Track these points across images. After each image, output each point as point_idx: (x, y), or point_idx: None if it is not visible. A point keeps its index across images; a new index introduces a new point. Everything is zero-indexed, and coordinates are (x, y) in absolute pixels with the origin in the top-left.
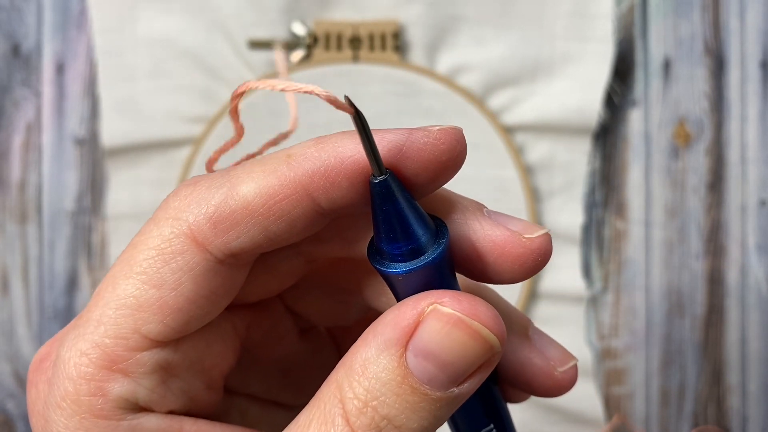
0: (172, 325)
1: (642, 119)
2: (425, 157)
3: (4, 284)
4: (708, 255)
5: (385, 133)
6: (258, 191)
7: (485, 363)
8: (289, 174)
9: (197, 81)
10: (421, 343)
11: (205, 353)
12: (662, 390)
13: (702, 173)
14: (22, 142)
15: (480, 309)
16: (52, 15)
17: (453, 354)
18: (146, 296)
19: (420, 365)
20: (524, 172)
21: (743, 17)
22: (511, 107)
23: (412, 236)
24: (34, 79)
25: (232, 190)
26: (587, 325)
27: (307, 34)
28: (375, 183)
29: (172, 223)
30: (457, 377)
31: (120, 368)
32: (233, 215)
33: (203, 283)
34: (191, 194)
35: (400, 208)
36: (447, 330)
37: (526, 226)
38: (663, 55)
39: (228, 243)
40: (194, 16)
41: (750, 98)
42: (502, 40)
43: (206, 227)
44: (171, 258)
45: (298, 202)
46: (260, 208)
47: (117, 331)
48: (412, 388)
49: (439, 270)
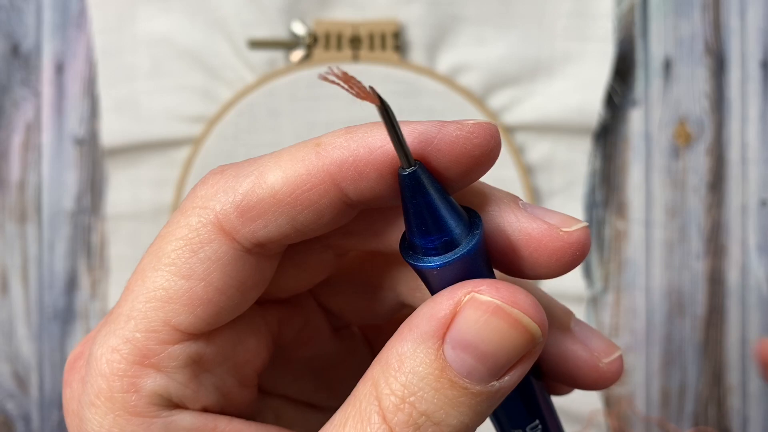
0: (202, 317)
1: (642, 119)
2: (457, 150)
3: (4, 284)
4: (708, 255)
5: (416, 125)
6: (285, 180)
7: (527, 354)
8: (318, 163)
9: (197, 81)
10: (459, 335)
11: (237, 347)
12: (663, 390)
13: (702, 173)
14: (22, 141)
15: (519, 296)
16: (52, 15)
17: (493, 344)
18: (175, 287)
19: (458, 358)
20: (524, 172)
21: (743, 17)
22: (512, 107)
23: (444, 229)
24: (33, 78)
25: (259, 178)
26: None
27: (307, 34)
28: (404, 175)
29: (199, 212)
30: (498, 369)
31: (152, 363)
32: (260, 204)
33: (232, 272)
34: (218, 183)
35: (430, 200)
36: (485, 319)
37: (564, 219)
38: (663, 55)
39: (255, 232)
40: (194, 15)
41: (750, 98)
42: (503, 39)
43: (233, 216)
44: (199, 248)
45: (326, 192)
46: (287, 197)
47: (147, 324)
48: (451, 382)
49: (475, 262)
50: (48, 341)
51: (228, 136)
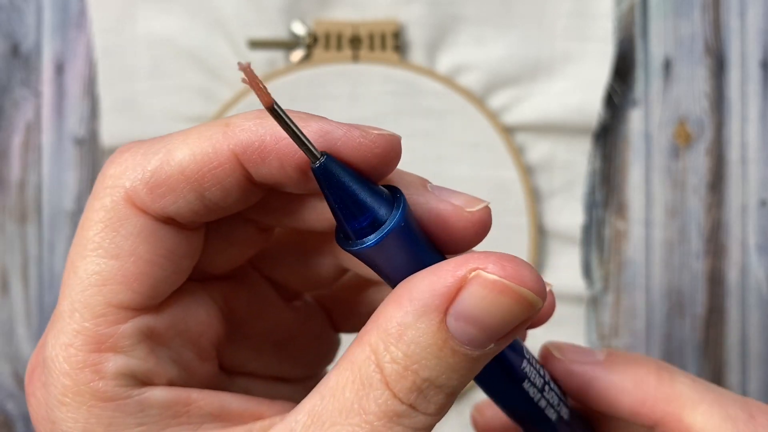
0: (141, 291)
1: (642, 119)
2: (358, 155)
3: (4, 284)
4: (708, 255)
5: (323, 123)
6: (192, 157)
7: (526, 322)
8: (224, 143)
9: (197, 81)
10: (465, 309)
11: (186, 320)
12: None
13: (702, 173)
14: (22, 142)
15: (524, 273)
16: (52, 15)
17: (497, 318)
18: (107, 269)
19: (461, 328)
20: (524, 172)
21: (744, 17)
22: (512, 107)
23: (368, 209)
24: (33, 79)
25: (167, 155)
26: (587, 326)
27: (306, 34)
28: (315, 168)
29: (110, 192)
30: (498, 336)
31: (108, 346)
32: (169, 181)
33: (157, 243)
34: (126, 161)
35: (347, 185)
36: (492, 297)
37: (468, 199)
38: (663, 55)
39: (165, 207)
40: (194, 15)
41: (750, 98)
42: (503, 39)
43: (143, 193)
44: (119, 226)
45: (232, 171)
46: (195, 174)
47: (92, 311)
48: (453, 350)
49: (410, 234)
50: None
51: None
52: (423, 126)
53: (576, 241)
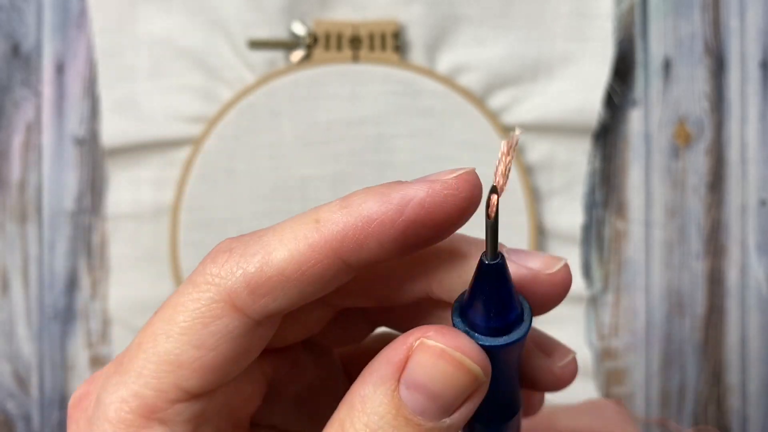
0: (211, 380)
1: (642, 119)
2: (447, 208)
3: (4, 284)
4: (708, 255)
5: (399, 190)
6: (291, 258)
7: (473, 393)
8: (320, 240)
9: (197, 81)
10: (412, 376)
11: (235, 398)
12: (662, 390)
13: (702, 173)
14: (22, 142)
15: (462, 341)
16: (52, 15)
17: (441, 384)
18: (186, 355)
19: (412, 397)
20: (524, 172)
21: (743, 17)
22: (511, 107)
23: (505, 317)
24: (34, 79)
25: (266, 257)
26: (587, 325)
27: (307, 34)
28: (486, 264)
29: (210, 289)
30: (447, 407)
31: (157, 417)
32: (269, 282)
33: (242, 343)
34: (227, 261)
35: (501, 291)
36: (433, 362)
37: (545, 261)
38: (663, 55)
39: (266, 307)
40: (194, 15)
41: (750, 98)
42: (502, 40)
43: (244, 294)
44: (210, 321)
45: (330, 265)
46: (294, 274)
47: (158, 384)
48: (406, 419)
49: (517, 350)
50: (48, 341)
51: (228, 136)
52: (423, 126)
53: (576, 240)
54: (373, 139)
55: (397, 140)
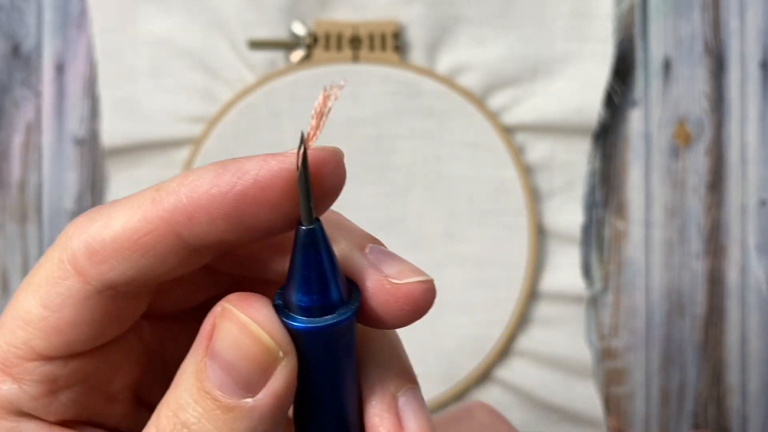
0: (55, 344)
1: (642, 119)
2: (280, 186)
3: (4, 284)
4: (708, 255)
5: (245, 162)
6: (123, 226)
7: (271, 371)
8: (152, 209)
9: (197, 81)
10: (213, 346)
11: (99, 368)
12: (662, 390)
13: (702, 173)
14: (22, 142)
15: (260, 312)
16: (52, 15)
17: (233, 354)
18: (35, 313)
19: (212, 369)
20: (524, 172)
21: (743, 17)
22: (511, 107)
23: (326, 293)
24: (34, 79)
25: (106, 223)
26: (587, 325)
27: (307, 34)
28: (302, 230)
29: (60, 250)
30: (245, 382)
31: (9, 372)
32: (104, 248)
33: (83, 310)
34: (78, 223)
35: (321, 261)
36: (230, 330)
37: (401, 270)
38: (663, 55)
39: (103, 275)
40: (194, 16)
41: (750, 98)
42: (502, 40)
43: (83, 257)
44: (56, 283)
45: (162, 237)
46: (127, 243)
47: (12, 338)
48: (206, 392)
49: (339, 339)
50: None
51: (228, 136)
52: (423, 126)
53: (576, 241)
54: (373, 139)
55: (397, 140)
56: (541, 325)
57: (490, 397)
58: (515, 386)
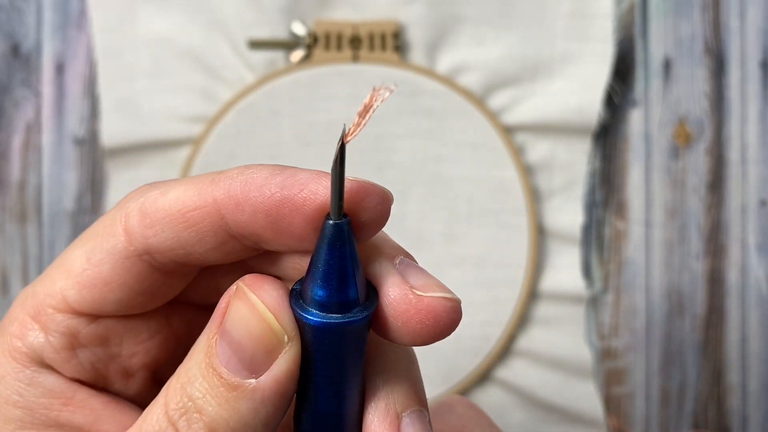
0: (87, 298)
1: (642, 119)
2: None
3: (4, 284)
4: (708, 255)
5: (300, 173)
6: (178, 197)
7: (275, 353)
8: (208, 189)
9: (197, 81)
10: (225, 324)
11: (121, 337)
12: (662, 390)
13: (702, 173)
14: (22, 142)
15: (272, 294)
16: (52, 15)
17: (238, 330)
18: (78, 264)
19: (222, 347)
20: (524, 172)
21: (743, 17)
22: (511, 107)
23: (343, 290)
24: (33, 79)
25: (164, 191)
26: (587, 325)
27: (307, 34)
28: (330, 224)
29: (117, 210)
30: (249, 362)
31: (40, 320)
32: (155, 213)
33: (121, 270)
34: (141, 190)
35: (344, 257)
36: (239, 308)
37: (428, 284)
38: (663, 55)
39: (147, 239)
40: (194, 15)
41: (750, 98)
42: (502, 40)
43: (135, 218)
44: (104, 238)
45: (208, 215)
46: (176, 213)
47: (50, 287)
48: (213, 369)
49: (351, 338)
50: None
51: (228, 136)
52: (423, 126)
53: (576, 241)
54: (373, 139)
55: (397, 140)
56: (541, 325)
57: (490, 397)
58: (515, 386)
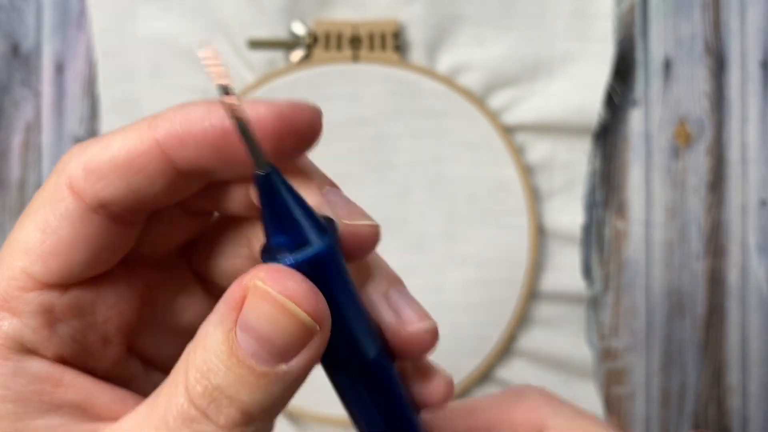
0: (54, 268)
1: (642, 119)
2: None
3: None
4: (708, 255)
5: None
6: (121, 146)
7: (307, 341)
8: (148, 133)
9: (197, 81)
10: (244, 318)
11: (95, 303)
12: (663, 390)
13: (702, 173)
14: (22, 141)
15: (290, 284)
16: (52, 15)
17: (269, 330)
18: (33, 238)
19: (245, 340)
20: (524, 172)
21: (744, 17)
22: (512, 107)
23: (297, 229)
24: (33, 79)
25: (105, 146)
26: (587, 326)
27: (307, 34)
28: (259, 176)
29: (57, 174)
30: (280, 353)
31: (9, 307)
32: (101, 167)
33: (80, 229)
34: (77, 150)
35: (285, 202)
36: (260, 305)
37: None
38: (663, 55)
39: (98, 193)
40: (194, 15)
41: (750, 98)
42: (503, 39)
43: (80, 176)
44: (54, 205)
45: (155, 158)
46: (122, 162)
47: (10, 271)
48: (239, 360)
49: (329, 266)
50: None
51: None
52: (423, 126)
53: (576, 241)
54: (373, 139)
55: (397, 140)
56: (541, 326)
57: None
58: None
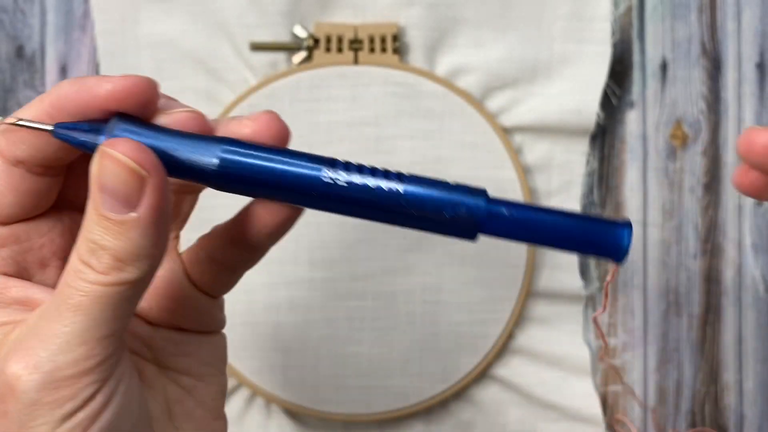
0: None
1: (639, 120)
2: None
3: None
4: (705, 255)
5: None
6: (26, 116)
7: (145, 188)
8: (39, 104)
9: (199, 83)
10: (99, 180)
11: (29, 232)
12: (659, 388)
13: (699, 174)
14: None
15: (121, 144)
16: (55, 17)
17: (113, 182)
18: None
19: (101, 197)
20: (523, 173)
21: (740, 19)
22: (510, 108)
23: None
24: (37, 80)
25: (19, 114)
26: (585, 324)
27: (308, 37)
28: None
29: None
30: (126, 201)
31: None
32: (15, 134)
33: (7, 179)
34: None
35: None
36: (105, 164)
37: (167, 103)
38: (660, 57)
39: (13, 152)
40: (196, 18)
41: (746, 99)
42: (501, 42)
43: (2, 141)
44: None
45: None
46: (27, 130)
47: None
48: (99, 214)
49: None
50: None
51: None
52: (423, 127)
53: None
54: (373, 140)
55: (397, 141)
56: (539, 324)
57: (489, 395)
58: (514, 384)
